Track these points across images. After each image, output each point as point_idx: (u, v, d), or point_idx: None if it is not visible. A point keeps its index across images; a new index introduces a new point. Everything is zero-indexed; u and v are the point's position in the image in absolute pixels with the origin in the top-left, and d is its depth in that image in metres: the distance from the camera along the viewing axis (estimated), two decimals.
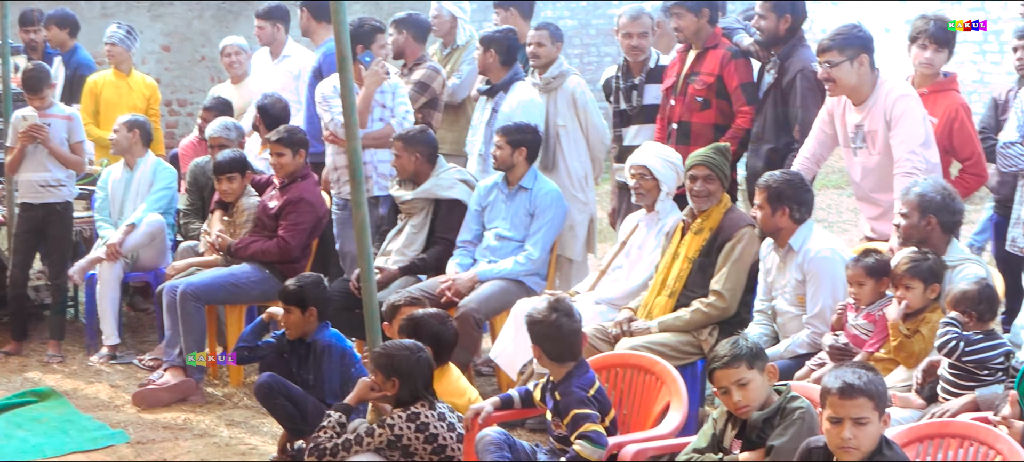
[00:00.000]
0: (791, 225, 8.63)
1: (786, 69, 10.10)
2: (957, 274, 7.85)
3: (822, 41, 9.12)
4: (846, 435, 5.87)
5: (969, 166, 9.58)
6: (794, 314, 8.66)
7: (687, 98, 10.50)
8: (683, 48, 10.69)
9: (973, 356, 7.27)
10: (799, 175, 8.92)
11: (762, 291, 8.90)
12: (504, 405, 7.79)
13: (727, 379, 6.73)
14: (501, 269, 10.24)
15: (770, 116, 10.17)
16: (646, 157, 9.62)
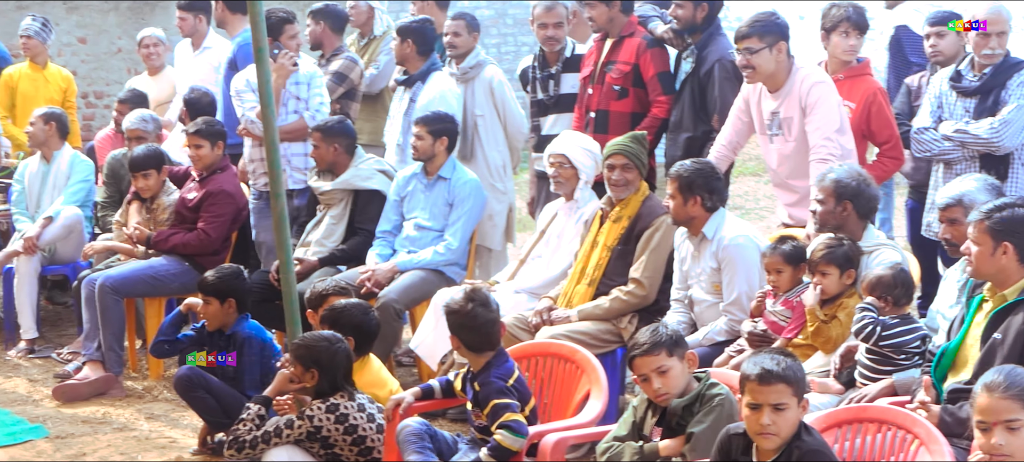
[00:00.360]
0: (703, 213, 8.66)
1: (704, 58, 10.14)
2: (873, 259, 7.91)
3: (740, 28, 9.16)
4: (765, 421, 5.91)
5: (887, 149, 9.68)
6: (710, 302, 8.70)
7: (604, 87, 10.52)
8: (599, 37, 10.71)
9: (890, 340, 7.34)
10: (710, 163, 8.95)
11: (678, 280, 8.94)
12: (425, 395, 7.78)
13: (647, 366, 6.75)
14: (421, 259, 10.24)
15: (688, 105, 10.20)
16: (565, 146, 9.64)
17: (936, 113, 9.20)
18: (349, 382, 7.77)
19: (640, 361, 6.77)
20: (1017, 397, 5.34)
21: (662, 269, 9.01)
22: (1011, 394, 5.35)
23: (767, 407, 5.91)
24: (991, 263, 6.75)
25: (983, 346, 6.68)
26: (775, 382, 5.91)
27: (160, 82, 13.61)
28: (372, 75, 12.28)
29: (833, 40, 9.78)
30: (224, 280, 8.92)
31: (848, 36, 9.74)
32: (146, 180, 11.08)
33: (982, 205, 6.91)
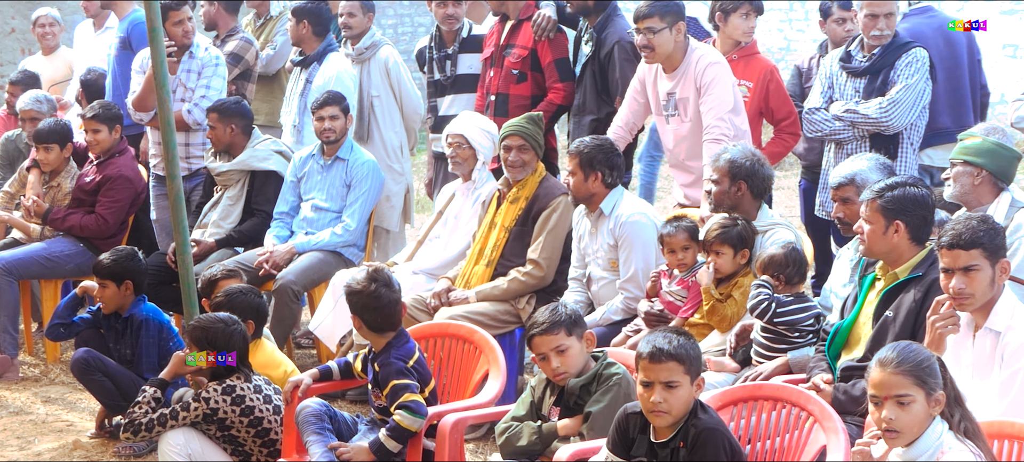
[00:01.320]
0: (603, 190, 8.72)
1: (603, 40, 10.16)
2: (767, 239, 7.99)
3: (640, 8, 9.20)
4: (655, 399, 5.96)
5: (786, 126, 9.81)
6: (608, 279, 8.76)
7: (503, 70, 10.52)
8: (500, 18, 10.72)
9: (784, 318, 7.41)
10: (609, 140, 9.01)
11: (576, 258, 8.99)
12: (323, 377, 7.77)
13: (546, 346, 6.79)
14: (318, 240, 10.21)
15: (590, 88, 10.23)
16: (464, 126, 9.65)
17: (827, 93, 9.30)
18: (246, 364, 7.75)
19: (539, 340, 6.81)
20: (908, 373, 5.42)
21: (560, 250, 9.05)
22: (902, 370, 5.43)
23: (658, 385, 5.96)
24: (883, 242, 6.83)
25: (875, 324, 6.77)
26: (666, 360, 5.97)
27: (54, 62, 13.47)
28: (268, 56, 12.22)
29: (733, 21, 9.89)
30: (120, 263, 8.86)
31: (748, 17, 9.89)
32: (47, 153, 10.94)
33: (874, 184, 6.98)
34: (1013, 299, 6.27)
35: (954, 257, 6.14)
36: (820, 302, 7.79)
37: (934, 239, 6.57)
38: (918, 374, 5.42)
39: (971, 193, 7.74)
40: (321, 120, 10.27)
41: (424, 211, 12.79)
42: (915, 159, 9.15)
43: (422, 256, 9.82)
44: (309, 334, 10.22)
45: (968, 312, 6.22)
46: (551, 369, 6.81)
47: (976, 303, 6.15)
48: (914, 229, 6.80)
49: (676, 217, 8.35)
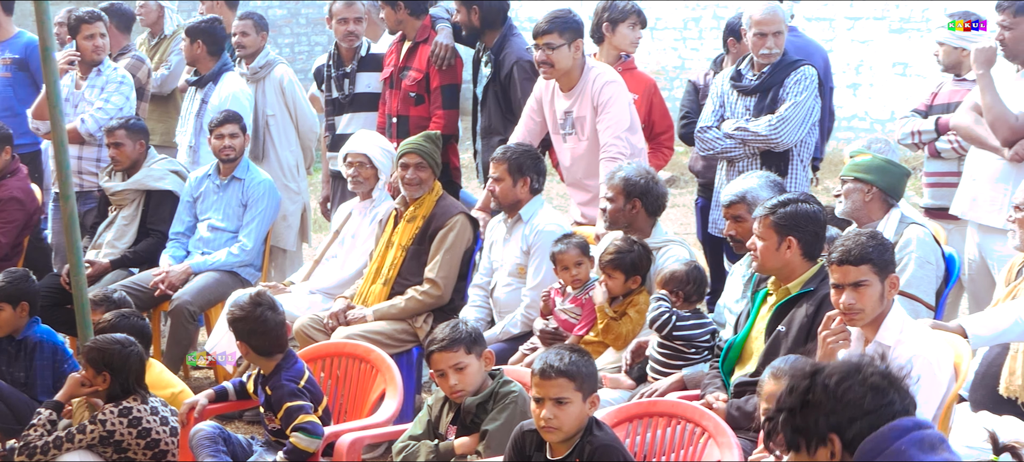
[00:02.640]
0: (528, 196, 8.79)
1: (502, 62, 10.19)
2: (662, 255, 8.05)
3: (539, 25, 9.26)
4: (546, 414, 5.98)
5: (664, 139, 9.97)
6: (514, 285, 8.82)
7: (401, 92, 10.53)
8: (399, 38, 10.72)
9: (683, 332, 7.48)
10: (533, 147, 9.09)
11: (483, 267, 9.03)
12: (219, 398, 7.73)
13: (445, 362, 6.80)
14: (215, 260, 10.16)
15: (494, 109, 10.24)
16: (365, 145, 9.65)
17: (718, 112, 9.39)
18: (142, 385, 7.70)
19: (438, 356, 6.82)
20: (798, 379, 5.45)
21: (457, 269, 9.07)
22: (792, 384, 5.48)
23: (549, 401, 5.99)
24: (776, 257, 6.90)
25: (768, 339, 6.83)
26: (556, 377, 6.00)
27: None
28: (163, 75, 12.16)
29: (621, 31, 9.97)
30: (14, 284, 8.76)
31: (635, 28, 9.99)
32: None
33: (767, 201, 7.07)
34: (902, 314, 6.35)
35: (844, 273, 6.21)
36: (714, 318, 7.86)
37: (825, 255, 6.65)
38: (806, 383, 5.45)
39: (862, 209, 7.85)
40: (220, 138, 10.23)
41: (321, 230, 12.76)
42: (805, 176, 9.25)
43: (319, 276, 9.80)
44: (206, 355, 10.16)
45: (858, 327, 6.29)
46: (449, 386, 6.82)
47: (866, 318, 6.23)
48: (806, 245, 6.88)
49: (566, 234, 8.39)
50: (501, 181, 8.79)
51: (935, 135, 9.12)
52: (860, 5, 18.72)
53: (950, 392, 6.29)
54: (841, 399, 3.71)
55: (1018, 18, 8.40)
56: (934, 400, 6.16)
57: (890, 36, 18.51)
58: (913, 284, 7.61)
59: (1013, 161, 8.26)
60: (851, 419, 3.73)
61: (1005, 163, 8.33)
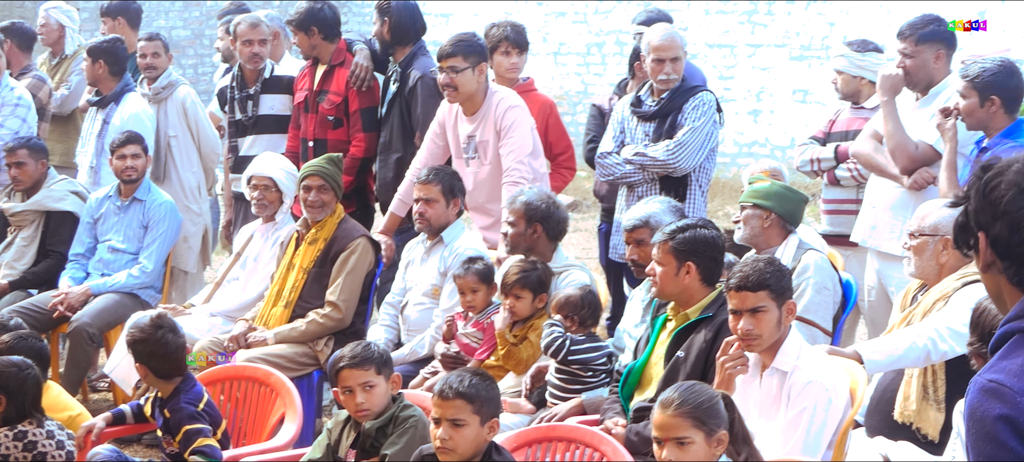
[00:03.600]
0: (454, 218, 8.82)
1: (407, 77, 10.20)
2: (562, 280, 8.09)
3: (443, 47, 9.28)
4: (440, 434, 6.01)
5: (563, 160, 9.99)
6: (426, 305, 8.81)
7: (318, 116, 10.50)
8: (311, 63, 10.67)
9: (578, 356, 7.50)
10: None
11: (397, 286, 9.05)
12: (116, 421, 7.68)
13: (354, 379, 6.76)
14: (115, 282, 10.09)
15: (397, 126, 10.23)
16: (270, 168, 9.62)
17: (619, 137, 9.44)
18: (38, 409, 7.62)
19: (348, 373, 6.78)
20: (687, 415, 5.48)
21: (358, 292, 9.06)
22: (681, 412, 5.50)
23: (445, 421, 6.01)
24: (675, 283, 6.94)
25: (667, 364, 6.85)
26: (454, 398, 6.01)
27: None
28: (63, 95, 12.06)
29: (496, 59, 10.02)
30: None
31: (509, 55, 10.03)
32: None
33: (665, 226, 7.11)
34: (799, 339, 6.41)
35: (742, 298, 6.26)
36: (614, 343, 7.90)
37: (724, 280, 6.70)
38: (697, 416, 5.48)
39: (760, 235, 7.93)
40: (122, 159, 10.16)
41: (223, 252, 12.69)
42: (703, 201, 9.32)
43: (220, 298, 9.75)
44: (105, 377, 10.08)
45: (756, 353, 6.35)
46: (355, 404, 6.78)
47: (763, 344, 6.28)
48: (705, 270, 6.92)
49: (471, 259, 8.41)
50: (435, 202, 8.80)
51: (834, 163, 9.19)
52: (761, 32, 18.89)
53: (846, 417, 6.35)
54: (987, 196, 3.61)
55: (919, 46, 8.49)
56: (831, 425, 6.21)
57: (790, 63, 18.69)
58: (811, 310, 7.70)
59: (912, 189, 8.34)
60: (994, 218, 3.61)
61: (904, 191, 8.42)
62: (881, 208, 8.56)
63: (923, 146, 8.35)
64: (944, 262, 6.85)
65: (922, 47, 8.50)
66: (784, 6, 18.69)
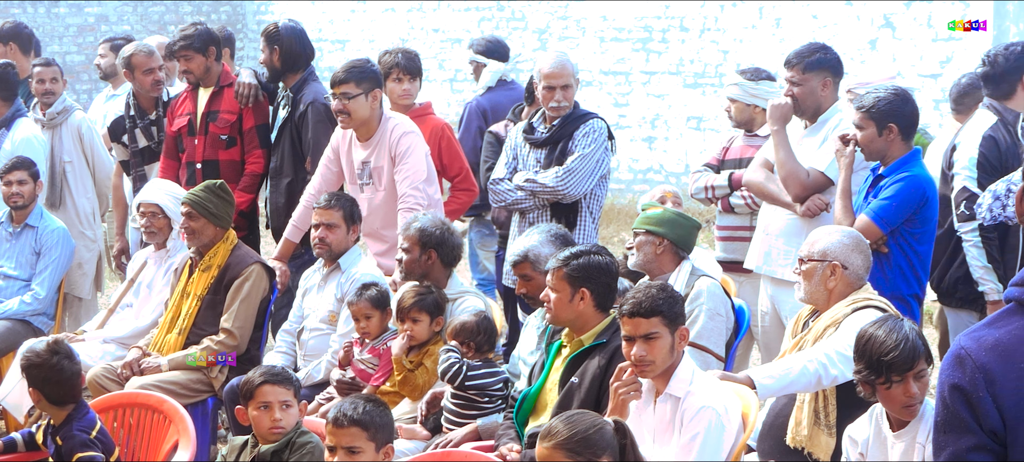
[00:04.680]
0: (352, 244, 8.84)
1: (298, 102, 10.19)
2: (457, 306, 8.11)
3: (336, 74, 9.27)
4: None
5: (459, 182, 10.00)
6: (323, 331, 8.81)
7: (209, 137, 10.45)
8: (191, 87, 10.61)
9: (474, 382, 7.53)
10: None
11: (294, 313, 9.05)
12: (8, 448, 7.60)
13: (275, 395, 6.73)
14: (7, 309, 10.00)
15: (288, 150, 10.21)
16: (156, 195, 9.57)
17: (511, 164, 9.48)
18: None
19: (270, 388, 6.73)
20: (563, 447, 5.43)
21: (253, 318, 9.03)
22: (557, 444, 5.46)
23: (341, 449, 6.04)
24: (570, 309, 6.99)
25: (561, 390, 6.90)
26: (348, 425, 6.05)
27: None
28: None
29: (388, 86, 10.06)
30: None
31: (401, 81, 10.08)
32: None
33: (560, 253, 7.14)
34: (692, 365, 6.45)
35: (635, 325, 6.29)
36: (509, 369, 7.92)
37: (617, 306, 6.74)
38: (572, 448, 5.40)
39: (653, 262, 7.99)
40: (8, 185, 10.09)
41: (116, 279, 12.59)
42: (594, 227, 9.37)
43: (113, 324, 9.68)
44: None
45: (649, 378, 6.39)
46: (270, 420, 6.71)
47: (656, 370, 6.31)
48: (599, 296, 6.98)
49: (363, 285, 8.41)
50: (336, 228, 8.80)
51: (728, 190, 9.24)
52: (656, 60, 19.03)
53: (739, 442, 6.40)
54: None
55: (806, 74, 8.56)
56: (723, 450, 6.26)
57: (684, 91, 18.84)
58: (704, 336, 7.76)
59: (806, 217, 8.42)
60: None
61: (796, 218, 8.50)
62: (774, 235, 8.63)
63: (814, 173, 8.43)
64: (832, 287, 6.92)
65: (809, 75, 8.57)
66: (678, 34, 18.85)
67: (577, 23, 19.77)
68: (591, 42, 19.55)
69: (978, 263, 8.37)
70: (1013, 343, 3.58)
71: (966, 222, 8.39)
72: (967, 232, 8.41)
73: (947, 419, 3.63)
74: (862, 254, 6.98)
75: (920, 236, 8.01)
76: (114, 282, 12.48)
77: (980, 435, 3.59)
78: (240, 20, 23.09)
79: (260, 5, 23.34)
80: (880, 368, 5.96)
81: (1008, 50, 8.75)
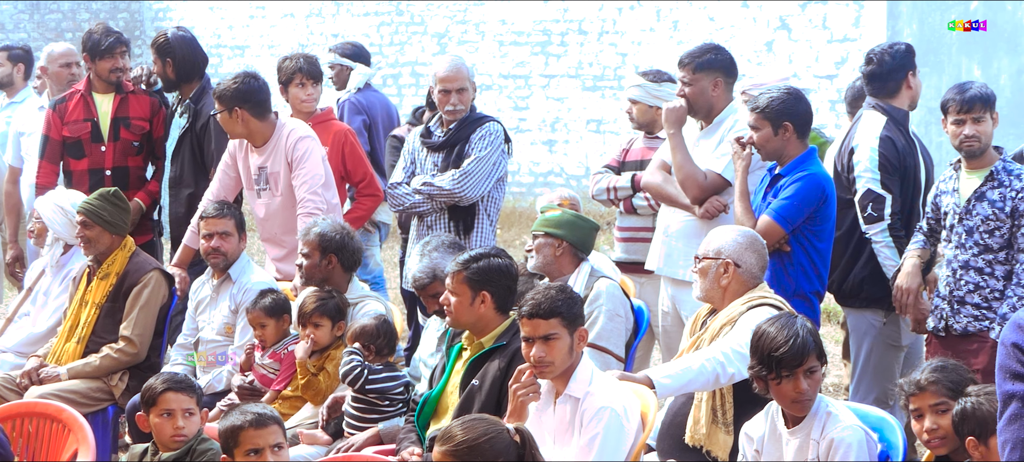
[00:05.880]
0: (241, 253, 8.85)
1: (199, 113, 10.14)
2: (358, 310, 8.12)
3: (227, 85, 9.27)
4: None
5: (363, 187, 9.98)
6: (220, 342, 8.78)
7: (120, 143, 10.39)
8: (85, 90, 10.49)
9: (376, 386, 7.53)
10: None
11: (188, 326, 8.99)
12: None
13: (178, 403, 6.68)
14: None
15: (188, 161, 10.15)
16: (43, 204, 9.51)
17: (409, 168, 9.51)
18: None
19: (174, 396, 6.68)
20: (452, 453, 5.39)
21: (152, 325, 8.98)
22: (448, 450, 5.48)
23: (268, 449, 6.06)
24: (470, 312, 7.01)
25: (462, 393, 6.92)
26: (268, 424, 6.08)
27: None
28: None
29: (291, 92, 10.06)
30: None
31: (304, 86, 10.05)
32: None
33: (459, 257, 7.16)
34: (591, 366, 6.49)
35: (534, 326, 6.33)
36: (410, 372, 7.94)
37: (517, 308, 6.77)
38: (463, 455, 5.38)
39: (553, 264, 8.03)
40: None
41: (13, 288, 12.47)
42: (492, 230, 9.39)
43: (11, 334, 9.60)
44: None
45: (548, 380, 6.43)
46: (174, 427, 6.67)
47: (555, 371, 6.34)
48: (500, 299, 7.01)
49: (260, 293, 8.40)
50: (230, 236, 8.78)
51: (631, 192, 9.26)
52: (555, 63, 19.11)
53: (638, 441, 6.45)
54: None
55: (697, 74, 8.61)
56: (623, 449, 6.31)
57: (584, 94, 18.93)
58: (603, 337, 7.81)
59: (704, 218, 8.47)
60: None
61: (695, 220, 8.55)
62: (673, 237, 8.67)
63: (711, 175, 8.49)
64: (726, 285, 6.99)
65: (700, 75, 8.61)
66: (577, 37, 18.94)
67: (476, 27, 19.83)
68: (490, 46, 19.61)
69: (891, 263, 8.44)
70: None
71: (874, 224, 8.48)
72: (876, 233, 8.49)
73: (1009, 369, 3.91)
74: (756, 253, 7.06)
75: (820, 233, 8.09)
76: (11, 291, 12.36)
77: None
78: (138, 26, 22.95)
79: (158, 11, 23.22)
80: (771, 363, 6.05)
81: (893, 48, 8.85)
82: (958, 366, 6.16)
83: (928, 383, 6.03)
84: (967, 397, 5.78)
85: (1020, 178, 7.68)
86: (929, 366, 6.12)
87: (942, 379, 6.01)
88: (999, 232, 7.68)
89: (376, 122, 11.34)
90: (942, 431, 5.96)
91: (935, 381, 6.02)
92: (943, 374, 6.04)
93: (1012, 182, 7.67)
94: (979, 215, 7.71)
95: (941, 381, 6.01)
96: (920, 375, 6.08)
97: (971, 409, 5.73)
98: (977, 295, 7.76)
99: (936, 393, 6.00)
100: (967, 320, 7.77)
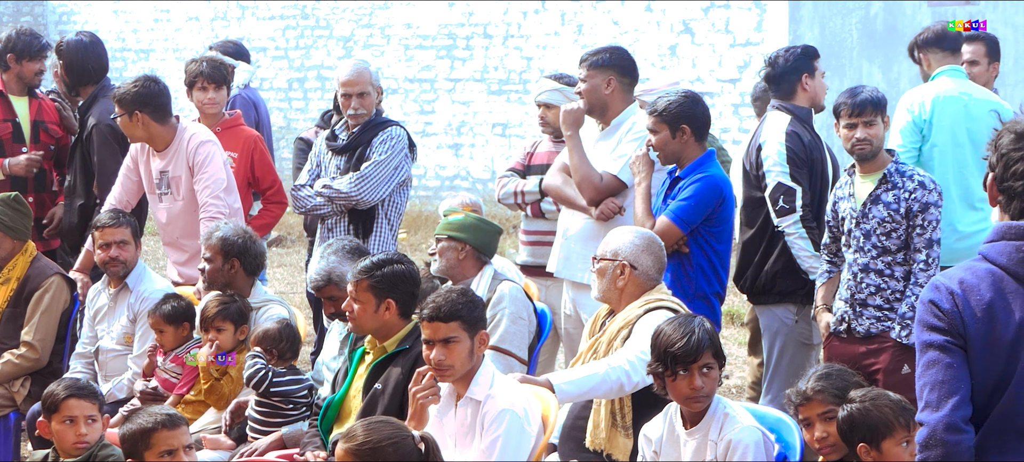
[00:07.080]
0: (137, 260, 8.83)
1: (85, 122, 10.06)
2: (261, 315, 8.12)
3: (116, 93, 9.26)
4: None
5: (271, 194, 9.97)
6: (119, 352, 8.74)
7: (40, 146, 10.34)
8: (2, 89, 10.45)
9: (279, 389, 7.54)
10: None
11: (86, 335, 8.95)
12: None
13: (80, 410, 6.66)
14: None
15: (80, 171, 10.06)
16: None
17: (314, 171, 9.52)
18: None
19: (76, 403, 6.66)
20: (353, 453, 5.42)
21: (54, 330, 8.93)
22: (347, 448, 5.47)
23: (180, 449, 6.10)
24: (375, 319, 7.04)
25: (365, 397, 6.94)
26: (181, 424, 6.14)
27: None
28: None
29: (195, 96, 10.04)
30: None
31: (206, 90, 10.03)
32: None
33: (361, 264, 7.16)
34: (492, 369, 6.52)
35: (434, 329, 6.36)
36: (313, 376, 7.95)
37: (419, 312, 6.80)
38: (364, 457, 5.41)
39: (456, 267, 8.07)
40: None
41: None
42: (392, 235, 9.40)
43: None
44: None
45: (449, 382, 6.47)
46: (77, 434, 6.64)
47: (456, 374, 6.38)
48: (403, 305, 7.03)
49: (161, 299, 8.38)
50: (128, 244, 8.74)
51: (539, 195, 9.28)
52: (460, 67, 19.17)
53: (540, 443, 6.49)
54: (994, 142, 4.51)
55: (591, 72, 8.67)
56: (524, 451, 6.34)
57: (489, 97, 18.99)
58: (507, 340, 7.86)
59: (600, 220, 8.52)
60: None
61: (593, 222, 8.61)
62: (572, 239, 8.72)
63: (607, 177, 8.55)
64: (622, 287, 7.04)
65: (594, 72, 8.66)
66: (482, 41, 19.00)
67: (381, 31, 19.85)
68: (396, 50, 19.64)
69: (806, 254, 8.51)
70: (973, 280, 4.45)
71: (787, 216, 8.56)
72: (789, 226, 8.57)
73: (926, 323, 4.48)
74: (653, 255, 7.11)
75: (718, 235, 8.17)
76: None
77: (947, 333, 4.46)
78: (41, 28, 22.78)
79: (62, 14, 23.07)
80: (667, 359, 6.13)
81: (788, 52, 8.97)
82: (843, 371, 6.22)
83: (814, 392, 6.09)
84: (850, 403, 5.85)
85: (913, 179, 7.80)
86: (814, 374, 6.19)
87: (828, 387, 6.08)
88: (896, 234, 7.78)
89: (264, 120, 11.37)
90: (832, 439, 6.02)
91: (821, 390, 6.08)
92: (828, 382, 6.10)
93: (905, 183, 7.78)
94: (875, 218, 7.81)
95: (826, 389, 6.07)
96: (805, 384, 6.14)
97: (859, 415, 5.80)
98: (879, 297, 7.85)
99: (823, 401, 6.06)
100: (870, 322, 7.86)
